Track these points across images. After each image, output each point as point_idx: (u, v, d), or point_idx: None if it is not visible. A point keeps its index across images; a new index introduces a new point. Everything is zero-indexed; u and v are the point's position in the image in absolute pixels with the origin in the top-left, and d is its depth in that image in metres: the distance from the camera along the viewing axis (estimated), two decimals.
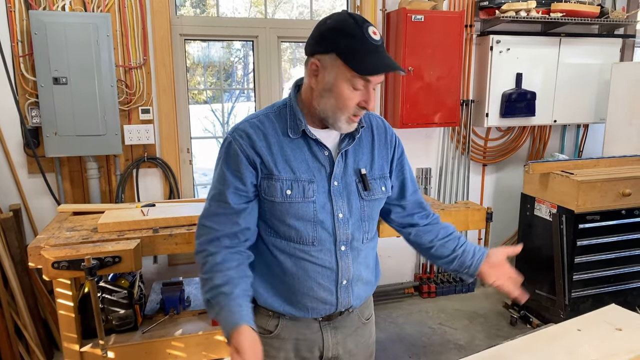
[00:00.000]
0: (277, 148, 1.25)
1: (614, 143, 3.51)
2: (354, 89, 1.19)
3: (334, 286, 1.31)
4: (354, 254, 1.32)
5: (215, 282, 1.22)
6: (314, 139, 1.27)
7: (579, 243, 2.96)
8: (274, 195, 1.25)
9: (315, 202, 1.26)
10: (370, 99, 1.21)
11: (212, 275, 1.23)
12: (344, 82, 1.18)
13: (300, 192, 1.25)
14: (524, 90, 3.47)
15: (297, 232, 1.27)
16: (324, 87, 1.20)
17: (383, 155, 1.38)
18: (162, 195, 3.09)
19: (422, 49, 3.15)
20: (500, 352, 1.40)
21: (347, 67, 1.16)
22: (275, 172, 1.24)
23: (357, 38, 1.15)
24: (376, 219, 1.40)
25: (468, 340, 3.18)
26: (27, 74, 2.69)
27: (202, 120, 5.43)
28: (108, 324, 2.37)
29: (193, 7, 3.35)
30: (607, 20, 3.50)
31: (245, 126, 1.27)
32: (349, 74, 1.16)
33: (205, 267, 1.26)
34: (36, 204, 2.88)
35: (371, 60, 1.15)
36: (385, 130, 1.41)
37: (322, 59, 1.19)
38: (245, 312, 1.20)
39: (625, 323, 1.52)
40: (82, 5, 2.72)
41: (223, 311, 1.19)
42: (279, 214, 1.26)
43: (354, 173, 1.31)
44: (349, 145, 1.30)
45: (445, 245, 1.44)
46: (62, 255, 1.98)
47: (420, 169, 3.64)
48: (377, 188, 1.34)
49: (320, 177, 1.27)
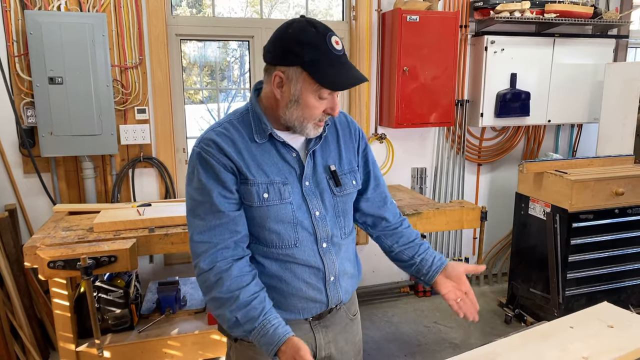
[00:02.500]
0: (247, 153, 1.24)
1: (607, 143, 3.54)
2: (320, 99, 1.20)
3: (323, 284, 1.32)
4: (336, 249, 1.34)
5: (242, 299, 1.19)
6: (281, 141, 1.27)
7: (573, 242, 2.98)
8: (251, 200, 1.24)
9: (292, 203, 1.27)
10: (336, 106, 1.24)
11: (235, 294, 1.19)
12: (310, 93, 1.19)
13: (277, 194, 1.25)
14: (519, 90, 3.50)
15: (278, 236, 1.27)
16: (290, 98, 1.21)
17: (350, 149, 1.40)
18: (158, 195, 3.09)
19: (417, 49, 3.17)
20: (493, 349, 1.41)
21: (313, 80, 1.17)
22: (250, 176, 1.23)
23: (320, 50, 1.15)
24: (351, 214, 1.42)
25: (463, 338, 3.20)
26: (22, 74, 2.68)
27: (199, 120, 5.43)
28: (104, 323, 2.37)
29: (189, 7, 3.35)
30: (600, 20, 3.53)
31: (211, 135, 1.25)
32: (315, 86, 1.18)
33: (222, 285, 1.20)
34: (32, 204, 2.88)
35: (337, 73, 1.17)
36: (349, 125, 1.42)
37: (287, 71, 1.19)
38: (284, 323, 1.20)
39: (617, 321, 1.54)
40: (77, 5, 2.72)
41: (262, 329, 1.18)
42: (258, 219, 1.26)
43: (323, 171, 1.32)
44: (316, 144, 1.32)
45: (405, 252, 1.46)
46: (58, 254, 1.98)
47: (416, 168, 3.65)
48: (348, 182, 1.36)
49: (292, 178, 1.28)
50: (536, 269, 3.23)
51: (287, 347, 1.15)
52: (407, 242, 1.47)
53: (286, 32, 1.18)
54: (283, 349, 1.15)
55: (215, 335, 2.45)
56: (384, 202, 1.49)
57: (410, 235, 1.48)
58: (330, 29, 1.19)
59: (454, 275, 1.41)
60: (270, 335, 1.17)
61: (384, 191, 1.50)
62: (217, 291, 1.21)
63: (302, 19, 1.21)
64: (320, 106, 1.21)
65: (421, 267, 1.43)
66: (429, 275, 1.42)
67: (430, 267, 1.42)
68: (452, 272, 1.41)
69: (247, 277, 1.23)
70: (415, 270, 1.45)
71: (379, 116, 3.45)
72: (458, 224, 2.70)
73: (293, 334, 1.19)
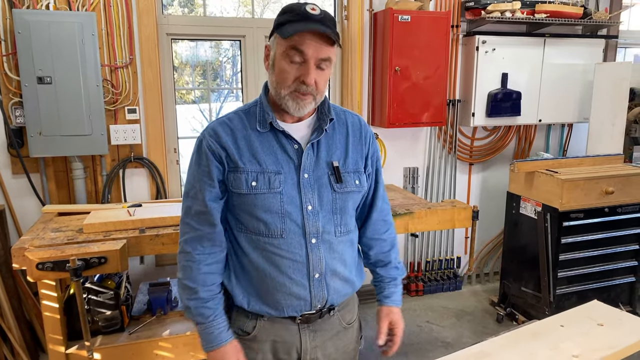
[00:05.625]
0: (244, 142, 1.28)
1: (597, 142, 3.57)
2: (290, 62, 1.21)
3: (306, 280, 1.30)
4: (326, 246, 1.32)
5: (200, 294, 1.30)
6: (282, 131, 1.28)
7: (564, 241, 3.00)
8: (240, 187, 1.27)
9: (282, 194, 1.27)
10: (307, 73, 1.20)
11: (197, 288, 1.30)
12: (281, 55, 1.22)
13: (266, 183, 1.26)
14: (510, 90, 3.51)
15: (266, 225, 1.28)
16: (270, 64, 1.27)
17: (358, 151, 1.39)
18: (148, 195, 3.07)
19: (409, 49, 3.17)
20: (484, 348, 1.41)
21: (281, 38, 1.20)
22: (241, 164, 1.26)
23: (293, 12, 1.20)
24: (351, 214, 1.40)
25: (455, 337, 3.21)
26: (10, 74, 2.65)
27: (191, 120, 5.41)
28: (94, 325, 2.34)
29: (181, 7, 3.33)
30: (590, 21, 3.56)
31: (215, 124, 1.31)
32: (283, 44, 1.20)
33: (188, 274, 1.32)
34: (20, 205, 2.85)
35: (298, 26, 1.18)
36: (361, 128, 1.42)
37: (271, 42, 1.27)
38: (228, 328, 1.34)
39: (607, 319, 1.55)
40: (66, 3, 2.69)
41: (206, 327, 1.32)
42: (246, 206, 1.28)
43: (326, 166, 1.32)
44: (318, 136, 1.31)
45: (369, 267, 1.57)
46: (47, 256, 1.96)
47: (408, 168, 3.66)
48: (350, 181, 1.35)
49: (289, 169, 1.28)
50: (527, 268, 3.25)
51: (223, 351, 1.32)
52: (374, 262, 1.54)
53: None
54: (216, 352, 1.32)
55: None
56: (383, 208, 1.52)
57: (380, 262, 1.54)
58: (318, 5, 1.22)
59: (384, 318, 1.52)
60: (214, 335, 1.31)
61: (386, 198, 1.53)
62: (183, 275, 1.33)
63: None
64: (290, 70, 1.21)
65: (377, 288, 1.57)
66: (378, 300, 1.56)
67: (378, 295, 1.56)
68: (383, 315, 1.53)
69: (212, 276, 1.32)
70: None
71: (371, 116, 3.45)
72: (450, 223, 2.70)
73: (233, 339, 1.33)
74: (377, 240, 1.51)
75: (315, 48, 1.19)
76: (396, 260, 1.55)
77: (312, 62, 1.20)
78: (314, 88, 1.23)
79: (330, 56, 1.22)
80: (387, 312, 1.51)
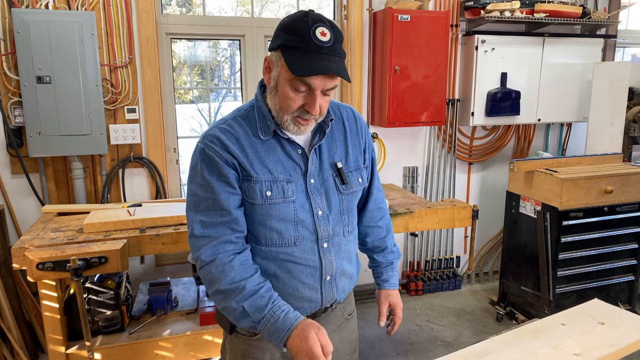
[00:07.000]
0: (251, 150, 1.23)
1: (596, 141, 3.57)
2: (296, 91, 1.15)
3: (318, 284, 1.31)
4: (336, 249, 1.33)
5: (247, 288, 1.18)
6: (286, 138, 1.25)
7: (563, 239, 3.00)
8: (254, 197, 1.23)
9: (295, 202, 1.25)
10: (313, 104, 1.16)
11: (240, 284, 1.18)
12: (286, 81, 1.15)
13: (280, 192, 1.23)
14: (509, 89, 3.52)
15: (279, 234, 1.26)
16: (273, 84, 1.20)
17: (356, 146, 1.38)
18: (148, 195, 3.07)
19: (408, 49, 3.18)
20: (485, 347, 1.41)
21: (286, 66, 1.13)
22: (253, 173, 1.22)
23: (301, 36, 1.11)
24: (355, 212, 1.42)
25: (455, 337, 3.21)
26: (9, 73, 2.65)
27: (189, 120, 5.41)
28: (94, 325, 2.34)
29: (179, 6, 3.33)
30: (589, 20, 3.56)
31: (215, 132, 1.24)
32: (288, 74, 1.13)
33: (225, 277, 1.19)
34: (20, 205, 2.84)
35: (308, 61, 1.11)
36: (356, 121, 1.41)
37: (273, 55, 1.19)
38: (292, 309, 1.20)
39: (608, 317, 1.55)
40: (65, 3, 2.69)
41: (269, 318, 1.17)
42: (259, 217, 1.25)
43: (330, 168, 1.31)
44: (320, 140, 1.30)
45: (366, 253, 1.61)
46: (47, 256, 1.95)
47: (407, 167, 3.66)
48: (354, 180, 1.35)
49: (297, 176, 1.27)
50: (527, 267, 3.26)
51: (300, 329, 1.14)
52: (371, 249, 1.58)
53: (283, 21, 1.18)
54: (294, 333, 1.14)
55: (207, 336, 2.43)
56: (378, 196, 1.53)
57: (377, 248, 1.58)
58: (326, 22, 1.14)
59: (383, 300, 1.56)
60: (282, 320, 1.16)
61: (380, 186, 1.54)
62: (220, 283, 1.20)
63: (303, 10, 1.20)
64: (296, 99, 1.16)
65: (374, 273, 1.60)
66: (376, 283, 1.59)
67: (377, 279, 1.59)
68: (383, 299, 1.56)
69: (250, 268, 1.23)
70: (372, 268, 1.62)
71: (371, 115, 3.45)
72: (449, 222, 2.71)
73: (304, 317, 1.19)
74: (373, 228, 1.54)
75: (323, 80, 1.14)
76: (392, 245, 1.58)
77: (319, 92, 1.16)
78: (318, 114, 1.19)
79: (337, 84, 1.19)
80: (386, 295, 1.55)
